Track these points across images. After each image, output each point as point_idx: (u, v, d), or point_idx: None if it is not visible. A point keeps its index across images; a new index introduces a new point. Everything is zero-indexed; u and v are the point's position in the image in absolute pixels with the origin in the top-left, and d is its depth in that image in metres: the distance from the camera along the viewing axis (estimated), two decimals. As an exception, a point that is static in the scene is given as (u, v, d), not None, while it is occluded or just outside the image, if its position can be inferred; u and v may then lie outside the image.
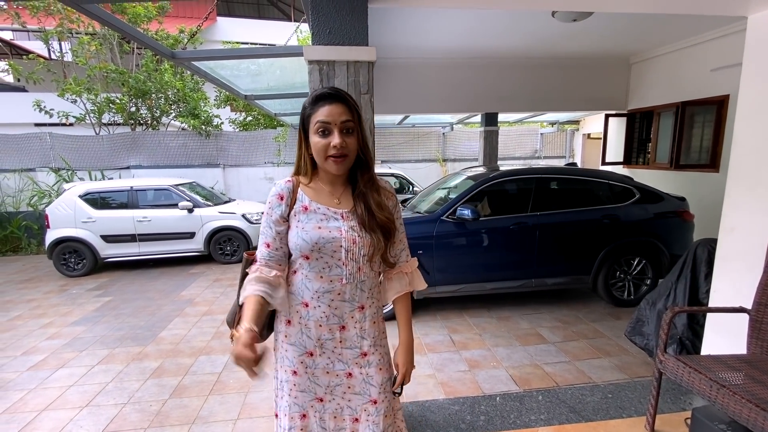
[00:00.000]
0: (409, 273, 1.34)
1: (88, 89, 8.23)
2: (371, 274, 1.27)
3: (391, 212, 1.25)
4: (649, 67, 5.48)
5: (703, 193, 4.70)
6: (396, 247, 1.31)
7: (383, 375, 1.30)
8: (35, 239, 7.59)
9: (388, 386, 1.31)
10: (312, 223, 1.20)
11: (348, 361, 1.27)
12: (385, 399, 1.30)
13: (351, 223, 1.21)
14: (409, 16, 3.91)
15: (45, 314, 4.42)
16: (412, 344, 1.32)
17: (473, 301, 4.23)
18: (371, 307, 1.28)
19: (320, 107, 1.13)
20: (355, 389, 1.29)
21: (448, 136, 10.21)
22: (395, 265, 1.32)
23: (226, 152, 8.84)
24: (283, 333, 1.29)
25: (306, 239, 1.18)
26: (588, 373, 2.86)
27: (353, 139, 1.15)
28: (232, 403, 2.65)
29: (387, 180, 1.34)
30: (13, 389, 2.92)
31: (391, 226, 1.24)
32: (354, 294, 1.24)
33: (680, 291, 2.75)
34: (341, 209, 1.23)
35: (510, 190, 4.20)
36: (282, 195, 1.23)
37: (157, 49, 3.14)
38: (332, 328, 1.24)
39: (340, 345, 1.25)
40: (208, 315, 4.25)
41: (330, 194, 1.24)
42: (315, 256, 1.19)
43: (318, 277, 1.21)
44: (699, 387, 1.61)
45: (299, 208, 1.22)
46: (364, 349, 1.28)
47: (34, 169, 7.99)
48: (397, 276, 1.32)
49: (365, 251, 1.21)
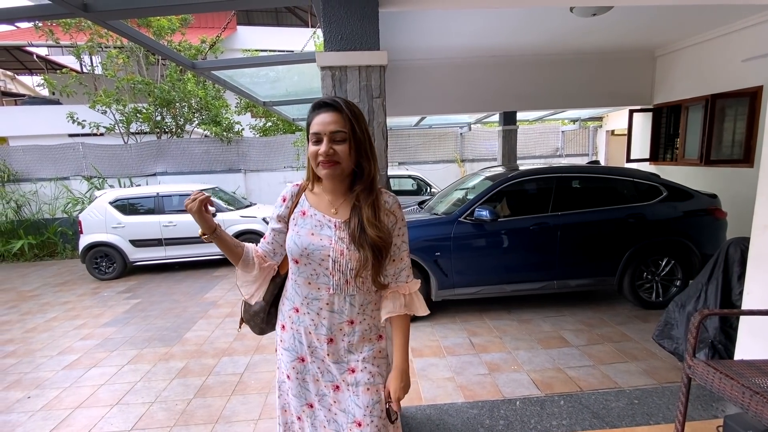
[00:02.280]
0: (407, 294, 1.26)
1: (116, 100, 8.60)
2: (363, 289, 1.22)
3: (385, 231, 1.19)
4: (676, 60, 5.27)
5: (736, 189, 4.48)
6: (393, 266, 1.25)
7: (370, 396, 1.23)
8: (70, 244, 7.97)
9: (375, 409, 1.23)
10: (306, 228, 1.22)
11: (335, 375, 1.25)
12: (371, 423, 1.22)
13: (341, 234, 1.19)
14: (424, 17, 3.91)
15: (79, 316, 4.64)
16: (406, 369, 1.24)
17: (493, 303, 4.17)
18: (362, 323, 1.24)
19: (315, 116, 1.16)
20: (341, 405, 1.26)
21: (465, 136, 10.11)
22: (386, 286, 1.24)
23: (247, 158, 9.04)
24: (279, 338, 1.33)
25: (297, 243, 1.20)
26: (614, 378, 2.77)
27: (344, 148, 1.14)
28: (253, 404, 2.71)
29: (395, 198, 1.27)
30: (49, 387, 3.08)
31: (381, 245, 1.17)
32: (342, 306, 1.21)
33: (711, 293, 2.63)
34: (336, 219, 1.22)
35: (529, 190, 4.12)
36: (285, 197, 1.29)
37: (178, 60, 3.25)
38: (320, 338, 1.23)
39: (327, 357, 1.24)
40: (231, 317, 4.35)
41: (330, 203, 1.24)
42: (304, 262, 1.20)
43: (306, 283, 1.22)
44: (730, 393, 1.53)
45: (299, 212, 1.25)
46: (352, 365, 1.25)
47: (68, 177, 8.39)
48: (392, 295, 1.25)
49: (352, 266, 1.18)
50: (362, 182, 1.20)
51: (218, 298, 5.03)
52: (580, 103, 5.96)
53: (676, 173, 5.19)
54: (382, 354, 1.30)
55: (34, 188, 8.21)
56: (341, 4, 1.65)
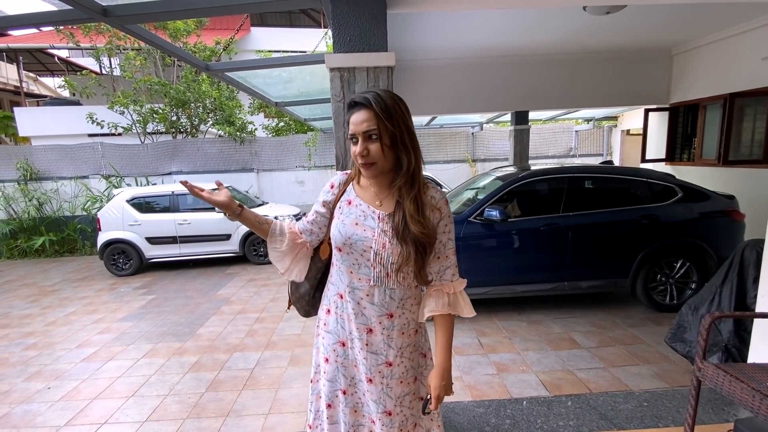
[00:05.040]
0: (451, 294, 1.24)
1: (134, 101, 8.81)
2: (404, 284, 1.22)
3: (430, 227, 1.17)
4: (694, 58, 5.16)
5: (755, 190, 4.36)
6: (437, 263, 1.24)
7: (403, 388, 1.27)
8: (89, 241, 8.21)
9: (405, 401, 1.28)
10: (351, 218, 1.23)
11: (371, 367, 1.25)
12: (401, 412, 1.27)
13: (385, 227, 1.19)
14: (436, 17, 3.91)
15: (97, 310, 4.78)
16: (449, 368, 1.25)
17: (503, 304, 4.15)
18: (401, 317, 1.24)
19: (350, 116, 1.17)
20: (373, 396, 1.27)
21: (477, 136, 10.05)
22: (430, 283, 1.24)
23: (260, 157, 9.17)
24: (323, 321, 1.35)
25: (342, 232, 1.22)
26: (624, 381, 2.74)
27: (376, 146, 1.12)
28: (263, 399, 2.76)
29: (439, 189, 1.25)
30: (68, 379, 3.19)
31: (426, 241, 1.15)
32: (383, 300, 1.22)
33: (726, 295, 2.57)
34: (380, 211, 1.21)
35: (540, 190, 4.09)
36: (334, 184, 1.32)
37: (192, 62, 3.33)
38: (360, 328, 1.25)
39: (366, 348, 1.25)
40: (242, 314, 4.43)
41: (375, 195, 1.24)
42: (346, 251, 1.22)
43: (348, 271, 1.24)
44: (741, 397, 1.51)
45: (345, 201, 1.28)
46: (390, 358, 1.25)
47: (87, 176, 8.64)
48: (436, 293, 1.24)
49: (393, 260, 1.17)
50: (403, 175, 1.17)
51: (231, 295, 5.12)
52: (594, 102, 5.87)
53: (692, 174, 5.08)
54: (417, 349, 1.31)
55: (55, 186, 8.47)
56: (350, 6, 1.68)
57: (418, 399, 1.32)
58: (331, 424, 1.34)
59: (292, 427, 2.43)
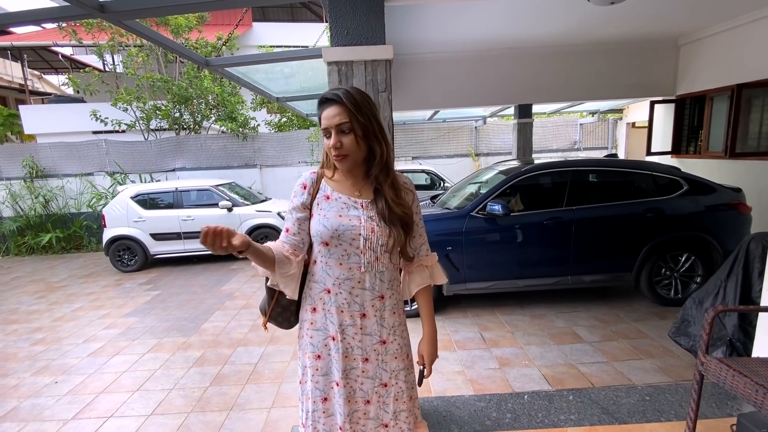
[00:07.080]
0: (430, 266, 1.39)
1: (137, 98, 8.83)
2: (390, 266, 1.32)
3: (409, 207, 1.30)
4: (701, 48, 5.07)
5: (763, 183, 4.30)
6: (415, 241, 1.36)
7: (398, 363, 1.36)
8: (95, 237, 8.29)
9: (401, 373, 1.37)
10: (333, 211, 1.26)
11: (366, 347, 1.32)
12: (395, 384, 1.37)
13: (370, 213, 1.26)
14: (435, 10, 3.87)
15: (103, 306, 4.83)
16: (435, 336, 1.39)
17: (506, 298, 4.14)
18: (391, 298, 1.33)
19: (321, 111, 1.21)
20: (369, 374, 1.34)
21: (480, 129, 9.98)
22: (414, 259, 1.36)
23: (263, 153, 9.17)
24: (309, 321, 1.35)
25: (327, 226, 1.24)
26: (627, 375, 2.73)
27: (350, 138, 1.19)
28: (266, 393, 2.78)
29: (408, 176, 1.38)
30: (75, 373, 3.23)
31: (408, 221, 1.28)
32: (374, 283, 1.29)
33: (730, 289, 2.55)
34: (361, 199, 1.28)
35: (544, 184, 4.06)
36: (305, 184, 1.32)
37: (192, 58, 3.32)
38: (353, 315, 1.29)
39: (360, 332, 1.30)
40: (246, 309, 4.46)
41: (352, 186, 1.30)
42: (334, 243, 1.24)
43: (338, 264, 1.26)
44: (743, 391, 1.50)
45: (321, 197, 1.29)
46: (384, 336, 1.33)
47: (92, 173, 8.69)
48: (418, 269, 1.38)
49: (383, 242, 1.25)
50: (377, 164, 1.25)
51: (234, 290, 5.15)
52: (598, 94, 5.80)
53: (699, 166, 5.01)
54: (405, 325, 1.42)
55: (61, 184, 8.53)
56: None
57: (411, 374, 1.42)
58: (327, 417, 1.36)
59: (295, 421, 2.44)
